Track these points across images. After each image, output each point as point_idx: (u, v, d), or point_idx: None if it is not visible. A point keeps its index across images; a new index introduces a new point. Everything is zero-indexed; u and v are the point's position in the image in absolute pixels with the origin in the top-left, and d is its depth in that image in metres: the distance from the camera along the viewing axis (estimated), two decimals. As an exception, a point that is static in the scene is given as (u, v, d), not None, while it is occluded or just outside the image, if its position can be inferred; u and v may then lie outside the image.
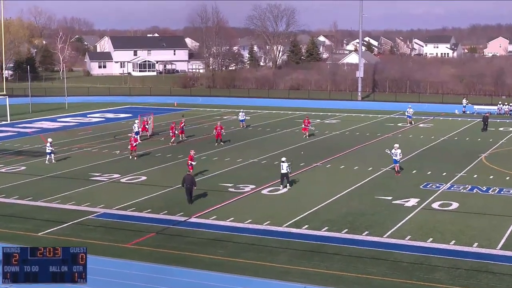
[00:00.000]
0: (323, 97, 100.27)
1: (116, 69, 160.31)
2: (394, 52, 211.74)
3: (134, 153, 47.81)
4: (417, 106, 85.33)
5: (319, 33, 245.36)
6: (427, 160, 46.56)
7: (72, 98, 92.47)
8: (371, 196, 35.51)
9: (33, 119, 73.53)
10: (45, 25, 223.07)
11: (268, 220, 30.80)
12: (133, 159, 47.12)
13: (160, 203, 34.16)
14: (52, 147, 45.84)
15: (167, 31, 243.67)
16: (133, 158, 47.21)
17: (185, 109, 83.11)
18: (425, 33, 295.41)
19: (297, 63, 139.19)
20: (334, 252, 26.28)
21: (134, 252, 26.43)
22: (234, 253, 26.24)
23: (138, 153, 48.37)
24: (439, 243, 27.29)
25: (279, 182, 38.17)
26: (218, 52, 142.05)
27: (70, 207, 33.62)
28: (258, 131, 61.97)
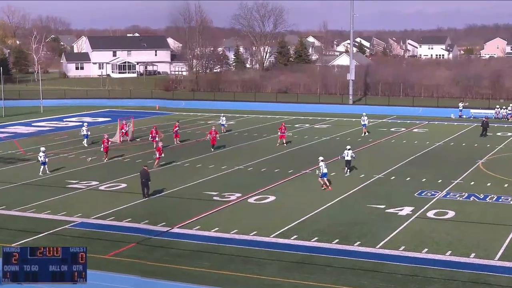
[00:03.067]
0: (313, 100, 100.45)
1: (94, 71, 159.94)
2: (387, 54, 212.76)
3: (106, 155, 48.65)
4: (412, 110, 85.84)
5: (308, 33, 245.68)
6: (422, 166, 46.72)
7: (48, 101, 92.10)
8: (363, 205, 35.58)
9: (6, 124, 73.15)
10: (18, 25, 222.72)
11: (255, 230, 30.79)
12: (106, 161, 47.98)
13: (141, 212, 34.07)
14: (46, 158, 44.55)
15: (148, 31, 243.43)
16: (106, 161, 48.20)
17: (167, 114, 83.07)
18: (419, 34, 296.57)
19: (285, 65, 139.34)
20: (325, 263, 26.31)
21: (113, 263, 26.34)
22: (219, 265, 26.21)
23: (118, 158, 48.33)
24: (434, 253, 27.37)
25: (265, 190, 38.64)
26: (202, 54, 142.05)
27: (46, 217, 33.47)
28: (244, 136, 61.99)
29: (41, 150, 45.24)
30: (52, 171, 44.92)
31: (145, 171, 37.24)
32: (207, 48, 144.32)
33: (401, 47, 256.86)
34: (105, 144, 48.77)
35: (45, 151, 45.34)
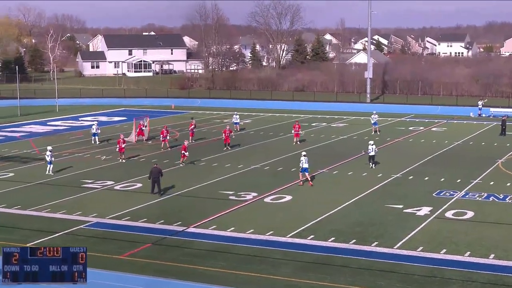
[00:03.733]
0: (330, 99, 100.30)
1: (109, 70, 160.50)
2: (405, 51, 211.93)
3: (122, 156, 48.73)
4: (430, 109, 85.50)
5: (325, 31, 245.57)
6: (440, 166, 46.52)
7: (63, 100, 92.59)
8: (381, 205, 35.49)
9: (22, 123, 73.57)
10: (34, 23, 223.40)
11: (271, 230, 30.78)
12: (121, 162, 48.14)
13: (156, 212, 34.17)
14: (52, 157, 44.87)
15: (164, 29, 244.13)
16: (122, 161, 48.27)
17: (183, 112, 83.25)
18: (438, 31, 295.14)
19: (302, 63, 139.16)
20: (342, 264, 26.27)
21: (129, 264, 26.43)
22: (235, 265, 26.23)
23: (133, 158, 48.54)
24: (453, 254, 27.25)
25: (282, 189, 38.78)
26: (218, 52, 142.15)
27: (61, 216, 33.63)
28: (260, 135, 62.00)
29: (48, 149, 45.44)
30: (61, 170, 45.18)
31: (157, 169, 37.87)
32: (223, 46, 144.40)
33: (420, 44, 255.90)
34: (120, 145, 48.78)
35: (52, 150, 45.54)
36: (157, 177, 37.72)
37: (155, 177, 37.71)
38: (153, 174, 37.77)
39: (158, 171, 37.92)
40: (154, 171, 37.87)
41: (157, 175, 37.74)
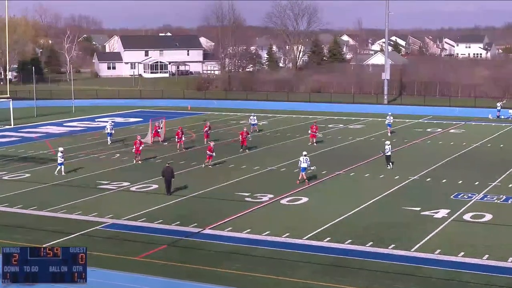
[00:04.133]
0: (347, 100, 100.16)
1: (126, 71, 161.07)
2: (423, 53, 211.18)
3: (138, 157, 48.72)
4: (448, 110, 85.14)
5: (342, 32, 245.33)
6: (458, 168, 46.31)
7: (80, 101, 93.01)
8: (398, 207, 35.38)
9: (38, 124, 73.98)
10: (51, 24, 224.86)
11: (288, 232, 30.76)
12: (137, 163, 48.18)
13: (172, 213, 34.23)
14: (63, 158, 45.21)
15: (180, 30, 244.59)
16: (137, 162, 48.25)
17: (199, 113, 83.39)
18: (456, 32, 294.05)
19: (318, 64, 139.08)
20: (358, 266, 26.20)
21: (144, 265, 26.48)
22: (251, 267, 26.22)
23: (150, 160, 48.68)
24: (471, 257, 27.12)
25: (298, 191, 38.78)
26: (235, 53, 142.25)
27: (77, 217, 33.77)
28: (277, 136, 61.98)
29: (60, 150, 45.68)
30: (76, 171, 45.40)
31: (169, 168, 38.41)
32: (240, 47, 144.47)
33: (438, 45, 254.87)
34: (137, 146, 48.67)
35: (63, 151, 45.77)
36: (170, 177, 38.27)
37: (168, 177, 38.26)
38: (166, 174, 38.32)
39: (171, 170, 38.41)
40: (167, 170, 38.43)
41: (170, 175, 38.27)
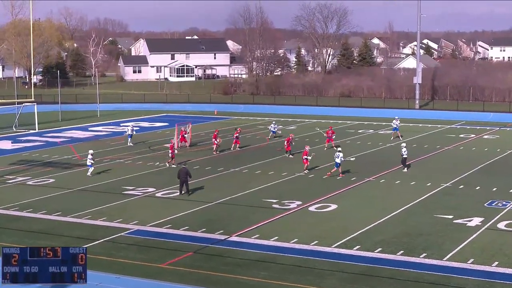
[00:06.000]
0: (377, 105, 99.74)
1: (152, 74, 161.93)
2: (456, 56, 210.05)
3: (173, 161, 49.38)
4: (482, 116, 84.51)
5: (373, 35, 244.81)
6: (492, 175, 45.93)
7: (105, 105, 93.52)
8: (430, 215, 35.15)
9: (63, 128, 74.57)
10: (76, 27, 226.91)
11: (316, 239, 30.70)
12: (170, 166, 48.83)
13: (198, 220, 34.29)
14: (93, 159, 46.00)
15: (207, 33, 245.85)
16: (170, 166, 48.94)
17: (226, 118, 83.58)
18: (490, 35, 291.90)
19: (348, 67, 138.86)
20: (388, 275, 26.07)
21: (170, 272, 26.55)
22: (277, 275, 26.18)
23: (174, 165, 48.85)
24: (505, 267, 26.87)
25: (327, 198, 38.67)
26: (262, 56, 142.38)
27: (101, 223, 33.96)
28: (306, 142, 61.82)
29: (90, 153, 46.36)
30: (101, 176, 45.76)
31: (185, 169, 39.79)
32: (268, 50, 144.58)
33: (471, 49, 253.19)
34: (173, 150, 49.60)
35: (93, 154, 46.48)
36: (185, 177, 39.46)
37: (183, 178, 39.48)
38: (181, 174, 39.58)
39: (186, 171, 39.63)
40: (182, 171, 39.74)
41: (185, 176, 39.46)
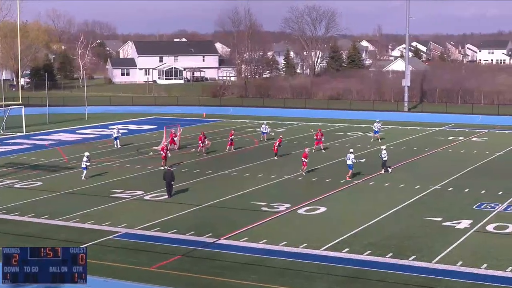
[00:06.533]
0: (366, 107, 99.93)
1: (140, 77, 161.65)
2: (445, 59, 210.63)
3: (164, 162, 49.31)
4: (470, 118, 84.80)
5: (361, 37, 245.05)
6: (481, 177, 46.06)
7: (93, 108, 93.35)
8: (419, 217, 35.21)
9: (51, 131, 74.31)
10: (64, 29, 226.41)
11: (305, 242, 30.69)
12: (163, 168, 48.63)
13: (186, 223, 34.23)
14: (88, 162, 46.09)
15: (195, 36, 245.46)
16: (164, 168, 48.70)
17: (214, 120, 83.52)
18: (479, 38, 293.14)
19: (337, 70, 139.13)
20: (378, 278, 26.08)
21: (158, 276, 26.48)
22: (267, 278, 26.16)
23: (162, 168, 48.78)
24: (494, 269, 26.92)
25: (316, 200, 38.71)
26: (251, 58, 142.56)
27: (89, 227, 33.85)
28: (294, 144, 61.87)
29: (85, 155, 46.36)
30: (89, 179, 45.52)
31: (169, 171, 40.30)
32: (256, 53, 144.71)
33: (460, 51, 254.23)
34: (164, 151, 49.83)
35: (89, 156, 46.51)
36: (170, 180, 39.82)
37: (168, 180, 39.82)
38: (167, 177, 39.89)
39: (171, 173, 40.02)
40: (167, 174, 40.10)
41: (170, 178, 39.80)
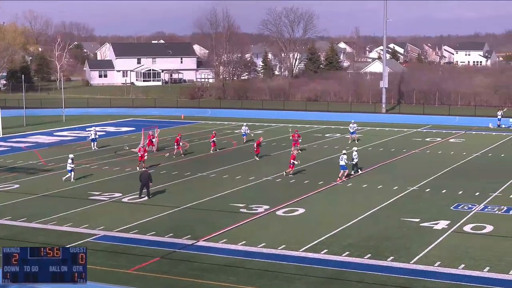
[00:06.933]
0: (344, 109, 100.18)
1: (118, 79, 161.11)
2: (422, 60, 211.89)
3: (142, 164, 49.23)
4: (448, 119, 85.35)
5: (339, 39, 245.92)
6: (458, 178, 46.37)
7: (70, 110, 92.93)
8: (397, 218, 35.39)
9: (28, 133, 73.91)
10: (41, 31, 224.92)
11: (284, 244, 30.76)
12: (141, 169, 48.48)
13: (165, 225, 34.19)
14: (73, 164, 46.04)
15: (173, 38, 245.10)
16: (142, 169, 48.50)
17: (193, 122, 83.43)
18: (455, 40, 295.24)
19: (315, 72, 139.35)
20: (356, 279, 26.19)
21: (137, 278, 26.45)
22: (246, 280, 26.20)
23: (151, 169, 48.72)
24: (472, 270, 27.13)
25: (294, 202, 38.82)
26: (229, 60, 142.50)
27: (67, 229, 33.71)
28: (273, 146, 61.97)
29: (70, 157, 46.38)
30: (67, 181, 45.36)
31: (146, 173, 40.53)
32: (234, 55, 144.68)
33: (437, 53, 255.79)
34: (141, 153, 49.83)
35: (73, 158, 46.53)
36: (147, 181, 39.85)
37: (144, 181, 39.88)
38: (143, 178, 40.03)
39: (148, 175, 40.15)
40: (143, 175, 40.28)
41: (146, 179, 39.85)
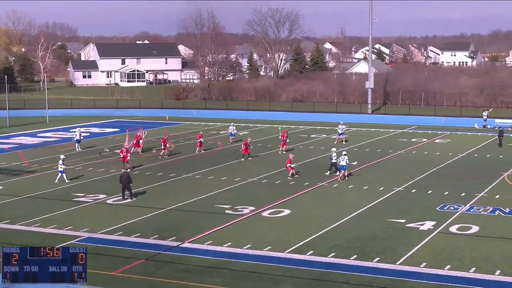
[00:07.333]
0: (330, 110, 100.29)
1: (102, 79, 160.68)
2: (408, 61, 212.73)
3: (126, 165, 49.07)
4: (433, 120, 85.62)
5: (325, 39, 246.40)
6: (444, 179, 46.52)
7: (54, 111, 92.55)
8: (383, 219, 35.46)
9: (11, 134, 73.55)
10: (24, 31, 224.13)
11: (269, 245, 30.75)
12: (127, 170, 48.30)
13: (150, 226, 34.11)
14: (64, 165, 45.93)
15: (158, 38, 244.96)
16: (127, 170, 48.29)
17: (178, 123, 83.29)
18: (441, 40, 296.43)
19: (300, 72, 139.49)
20: (342, 280, 26.22)
21: (122, 280, 26.37)
22: (231, 281, 26.17)
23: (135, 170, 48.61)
24: (457, 270, 27.23)
25: (280, 203, 38.99)
26: (214, 61, 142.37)
27: (51, 231, 33.57)
28: (258, 147, 61.95)
29: (61, 158, 46.32)
30: (51, 183, 45.16)
31: (126, 174, 40.45)
32: (220, 55, 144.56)
33: (422, 54, 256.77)
34: (123, 154, 49.78)
35: (64, 158, 46.45)
36: (127, 182, 39.74)
37: (125, 182, 39.78)
38: (123, 179, 39.91)
39: (128, 176, 40.07)
40: (124, 176, 40.12)
41: (126, 181, 39.75)
